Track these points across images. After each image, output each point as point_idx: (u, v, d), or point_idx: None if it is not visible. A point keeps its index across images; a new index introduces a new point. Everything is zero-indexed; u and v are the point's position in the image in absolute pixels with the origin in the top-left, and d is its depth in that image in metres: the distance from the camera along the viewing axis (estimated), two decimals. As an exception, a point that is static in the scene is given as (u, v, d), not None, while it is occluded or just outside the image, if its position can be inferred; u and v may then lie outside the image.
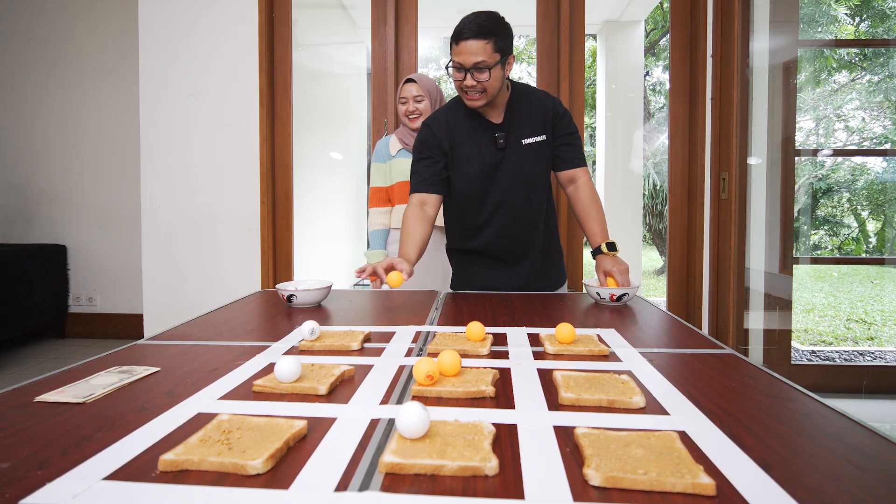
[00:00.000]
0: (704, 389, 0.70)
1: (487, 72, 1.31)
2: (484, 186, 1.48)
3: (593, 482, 0.46)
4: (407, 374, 0.77)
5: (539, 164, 1.48)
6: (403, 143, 1.97)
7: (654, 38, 8.03)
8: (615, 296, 1.28)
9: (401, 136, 1.99)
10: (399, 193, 1.97)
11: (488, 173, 1.47)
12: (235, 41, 2.41)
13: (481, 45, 1.28)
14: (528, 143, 1.45)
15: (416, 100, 1.91)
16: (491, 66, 1.30)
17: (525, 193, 1.49)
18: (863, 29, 5.54)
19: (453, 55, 1.34)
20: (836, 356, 3.24)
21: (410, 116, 1.92)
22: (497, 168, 1.46)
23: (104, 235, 3.49)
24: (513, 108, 1.46)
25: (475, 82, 1.33)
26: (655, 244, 8.05)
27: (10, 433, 0.57)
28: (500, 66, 1.33)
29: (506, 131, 1.45)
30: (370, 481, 0.47)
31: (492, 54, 1.30)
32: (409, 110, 1.91)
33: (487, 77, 1.31)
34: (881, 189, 6.05)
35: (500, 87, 1.38)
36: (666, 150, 2.50)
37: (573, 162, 1.49)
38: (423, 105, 1.92)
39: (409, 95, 1.91)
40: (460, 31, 1.31)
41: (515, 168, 1.46)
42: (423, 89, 1.92)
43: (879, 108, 5.28)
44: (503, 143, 1.44)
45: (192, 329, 1.06)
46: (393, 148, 1.98)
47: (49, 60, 3.46)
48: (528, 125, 1.46)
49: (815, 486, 0.46)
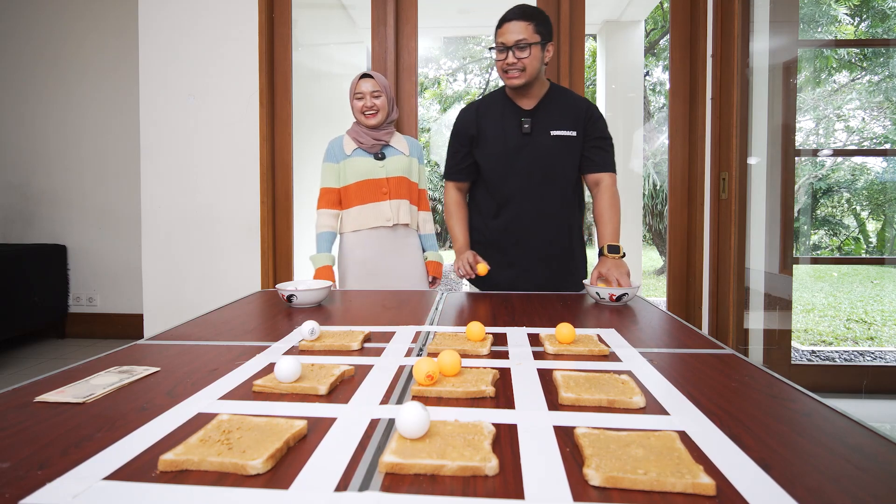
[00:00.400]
0: (704, 389, 0.70)
1: (528, 49, 1.40)
2: (504, 169, 1.53)
3: (593, 482, 0.46)
4: (407, 374, 0.77)
5: (564, 157, 1.51)
6: (358, 143, 1.90)
7: (654, 38, 8.03)
8: (614, 296, 1.28)
9: (354, 134, 1.91)
10: (354, 195, 1.89)
11: (511, 156, 1.51)
12: (235, 41, 2.41)
13: (523, 25, 1.40)
14: (556, 134, 1.49)
15: (374, 95, 1.85)
16: (531, 44, 1.40)
17: (545, 183, 1.52)
18: (863, 29, 5.54)
19: (497, 38, 1.45)
20: (836, 356, 3.23)
21: (367, 113, 1.85)
22: (520, 152, 1.51)
23: (104, 235, 3.49)
24: (546, 101, 1.52)
25: (516, 59, 1.41)
26: (655, 244, 8.04)
27: (10, 433, 0.57)
28: (539, 48, 1.43)
29: (533, 118, 1.50)
30: (370, 481, 0.47)
31: (532, 34, 1.41)
32: (367, 106, 1.85)
33: (528, 55, 1.41)
34: (881, 189, 6.05)
35: (538, 69, 1.45)
36: (666, 150, 2.50)
37: (602, 166, 1.51)
38: (380, 101, 1.86)
39: (366, 91, 1.85)
40: (505, 15, 1.44)
41: (539, 156, 1.50)
42: (380, 85, 1.87)
43: (879, 108, 5.28)
44: (528, 129, 1.49)
45: (192, 329, 1.06)
46: (347, 147, 1.91)
47: (49, 60, 3.46)
48: (559, 118, 1.50)
49: (815, 486, 0.46)
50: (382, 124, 1.90)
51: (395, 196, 1.89)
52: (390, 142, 1.92)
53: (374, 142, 1.88)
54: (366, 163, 1.89)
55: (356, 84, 1.87)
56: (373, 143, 1.88)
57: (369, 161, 1.89)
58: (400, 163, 1.91)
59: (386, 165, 1.89)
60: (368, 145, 1.88)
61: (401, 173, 1.90)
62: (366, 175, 1.88)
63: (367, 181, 1.87)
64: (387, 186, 1.88)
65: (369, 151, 1.89)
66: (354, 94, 1.87)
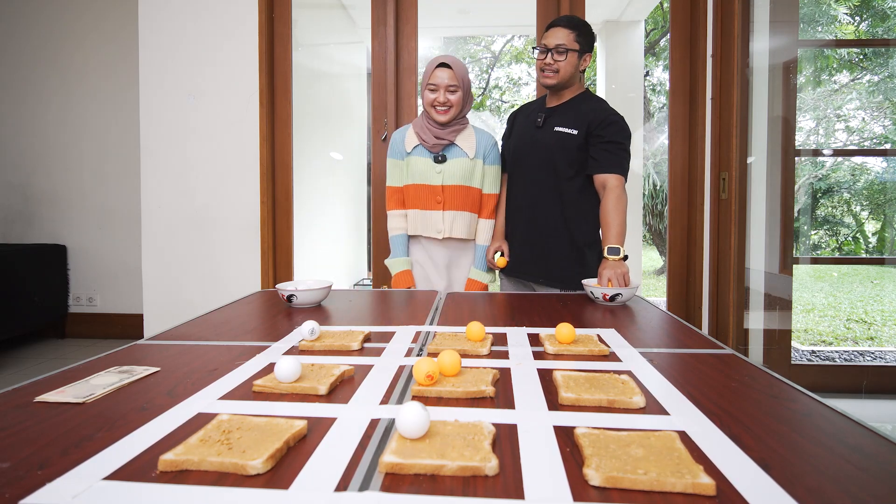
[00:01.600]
0: (704, 389, 0.70)
1: (566, 54, 1.54)
2: (516, 157, 1.70)
3: (593, 482, 0.46)
4: (407, 374, 0.77)
5: (560, 153, 1.59)
6: (421, 139, 1.68)
7: (654, 38, 8.03)
8: (608, 295, 1.29)
9: (419, 129, 1.69)
10: (412, 197, 1.71)
11: (524, 146, 1.67)
12: (235, 41, 2.41)
13: (566, 32, 1.54)
14: (558, 130, 1.60)
15: (450, 90, 1.61)
16: (569, 50, 1.54)
17: (541, 174, 1.63)
18: (863, 29, 5.54)
19: (541, 39, 1.60)
20: (836, 356, 3.23)
21: (438, 108, 1.62)
22: (529, 143, 1.66)
23: (104, 235, 3.49)
24: (570, 103, 1.63)
25: (552, 61, 1.55)
26: (655, 244, 8.04)
27: (10, 433, 0.57)
28: (576, 55, 1.56)
29: (548, 115, 1.64)
30: (370, 481, 0.47)
31: (572, 42, 1.54)
32: (439, 101, 1.61)
33: (564, 59, 1.54)
34: (881, 189, 6.05)
35: (572, 73, 1.58)
36: (666, 150, 2.50)
37: (605, 167, 1.55)
38: (455, 97, 1.62)
39: (441, 83, 1.60)
40: (553, 21, 1.59)
41: (541, 148, 1.63)
42: (458, 78, 1.61)
43: (879, 108, 5.28)
44: (540, 123, 1.64)
45: (192, 329, 1.05)
46: (409, 143, 1.70)
47: (49, 60, 3.46)
48: (569, 117, 1.60)
49: (815, 486, 0.46)
50: (453, 122, 1.68)
51: (451, 206, 1.68)
52: (456, 140, 1.69)
53: (436, 141, 1.67)
54: (424, 164, 1.69)
55: (431, 72, 1.63)
56: (434, 142, 1.67)
57: (428, 162, 1.69)
58: (460, 168, 1.68)
59: (443, 171, 1.68)
60: (430, 144, 1.67)
61: (459, 181, 1.68)
62: (422, 178, 1.69)
63: (423, 186, 1.69)
64: (441, 196, 1.68)
65: (430, 151, 1.69)
66: (427, 83, 1.63)
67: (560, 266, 1.63)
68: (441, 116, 1.64)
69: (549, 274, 1.65)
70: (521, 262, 1.71)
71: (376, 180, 2.47)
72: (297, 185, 2.60)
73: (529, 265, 1.69)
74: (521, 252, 1.70)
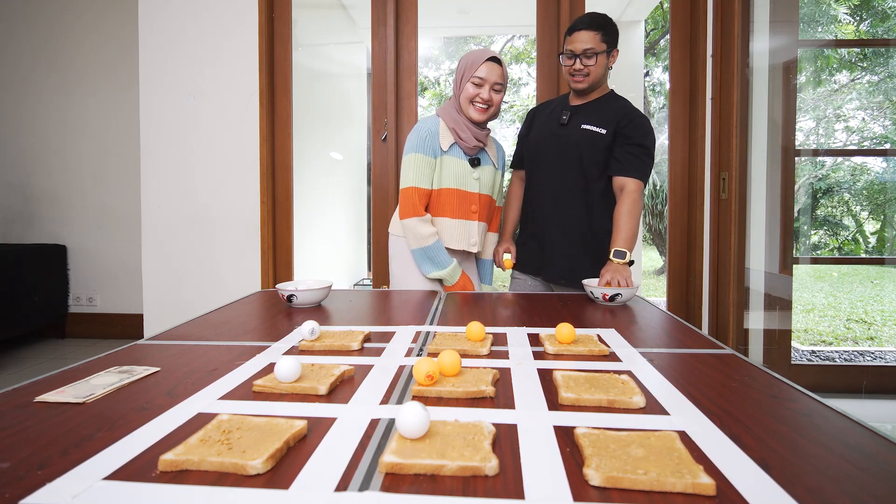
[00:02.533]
0: (704, 389, 0.70)
1: (595, 57, 1.51)
2: (538, 154, 1.65)
3: (593, 482, 0.46)
4: (407, 374, 0.77)
5: (588, 150, 1.56)
6: (458, 137, 1.52)
7: (654, 38, 8.03)
8: (607, 295, 1.29)
9: (456, 125, 1.53)
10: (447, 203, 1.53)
11: (546, 142, 1.63)
12: (235, 41, 2.41)
13: (591, 34, 1.50)
14: (586, 128, 1.56)
15: (495, 88, 1.50)
16: (598, 53, 1.51)
17: (567, 170, 1.59)
18: (863, 29, 5.54)
19: (566, 45, 1.55)
20: (836, 356, 3.23)
21: (478, 105, 1.50)
22: (553, 140, 1.62)
23: (104, 235, 3.49)
24: (595, 102, 1.61)
25: (582, 66, 1.52)
26: (655, 244, 8.05)
27: (10, 433, 0.57)
28: (605, 55, 1.54)
29: (573, 112, 1.61)
30: (370, 481, 0.47)
31: (599, 43, 1.51)
32: (484, 98, 1.49)
33: (594, 63, 1.52)
34: (881, 189, 6.05)
35: (602, 74, 1.57)
36: (666, 150, 2.50)
37: (626, 169, 1.52)
38: (498, 97, 1.52)
39: (489, 79, 1.48)
40: (574, 24, 1.53)
41: (566, 144, 1.58)
42: (505, 77, 1.52)
43: (879, 108, 5.28)
44: (565, 120, 1.60)
45: (192, 329, 1.05)
46: (445, 140, 1.52)
47: (49, 60, 3.46)
48: (596, 116, 1.57)
49: (815, 486, 0.46)
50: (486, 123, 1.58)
51: (483, 218, 1.59)
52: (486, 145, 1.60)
53: (476, 143, 1.54)
54: (461, 166, 1.54)
55: (477, 65, 1.48)
56: (475, 143, 1.54)
57: (464, 165, 1.54)
58: (490, 177, 1.61)
59: (480, 177, 1.58)
60: (470, 145, 1.53)
61: (489, 191, 1.61)
62: (458, 183, 1.53)
63: (460, 192, 1.54)
64: (477, 205, 1.57)
65: (467, 153, 1.56)
66: (472, 77, 1.49)
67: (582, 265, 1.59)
68: (479, 115, 1.51)
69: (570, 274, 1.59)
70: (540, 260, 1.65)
71: (376, 180, 2.47)
72: (297, 185, 2.60)
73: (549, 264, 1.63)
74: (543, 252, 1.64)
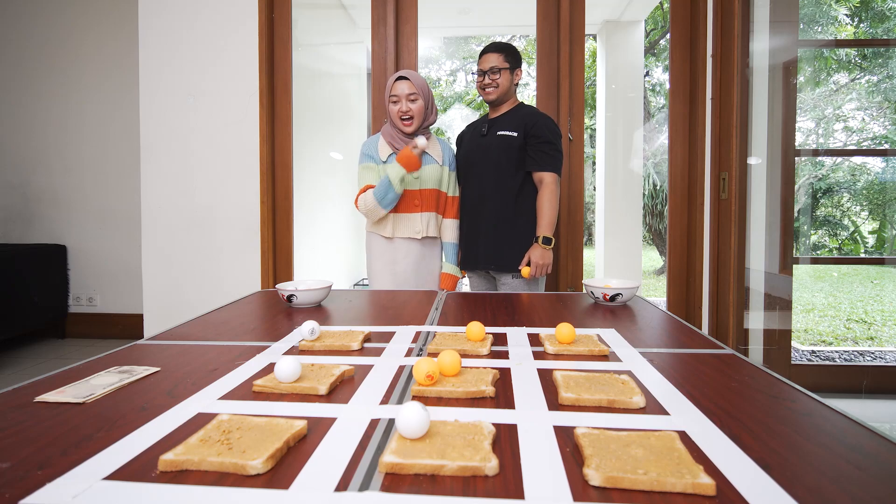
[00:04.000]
0: (704, 389, 0.70)
1: (499, 73, 1.82)
2: (468, 163, 1.92)
3: (593, 482, 0.46)
4: (407, 374, 0.77)
5: (502, 153, 1.84)
6: (394, 148, 1.81)
7: (654, 38, 8.04)
8: (608, 295, 1.29)
9: (389, 139, 1.82)
10: None
11: (472, 151, 1.91)
12: (235, 41, 2.41)
13: (496, 56, 1.82)
14: (501, 133, 1.85)
15: (410, 99, 1.75)
16: (501, 69, 1.82)
17: (487, 171, 1.86)
18: (863, 29, 5.55)
19: (478, 65, 1.88)
20: (836, 356, 3.24)
21: (404, 119, 1.77)
22: (476, 148, 1.90)
23: (104, 235, 3.49)
24: (508, 112, 1.89)
25: (490, 80, 1.83)
26: (655, 244, 8.05)
27: (10, 433, 0.57)
28: (508, 71, 1.84)
29: (490, 124, 1.89)
30: (370, 481, 0.47)
31: (503, 62, 1.83)
32: (402, 111, 1.75)
33: (499, 77, 1.82)
34: (880, 189, 6.05)
35: (508, 87, 1.85)
36: (666, 150, 2.50)
37: (540, 164, 1.81)
38: (416, 105, 1.76)
39: (401, 94, 1.75)
40: (483, 49, 1.86)
41: (487, 150, 1.87)
42: (417, 87, 1.76)
43: (879, 108, 5.28)
44: (485, 131, 1.90)
45: (192, 329, 1.05)
46: (383, 152, 1.82)
47: (49, 60, 3.46)
48: (509, 123, 1.86)
49: (815, 486, 0.46)
50: (419, 130, 1.82)
51: (427, 209, 1.86)
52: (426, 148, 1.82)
53: None
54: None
55: (391, 86, 1.78)
56: None
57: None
58: (433, 174, 1.85)
59: (420, 176, 1.83)
60: None
61: (433, 185, 1.86)
62: None
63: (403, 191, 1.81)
64: (419, 199, 1.84)
65: None
66: (389, 97, 1.78)
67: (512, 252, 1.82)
68: (407, 128, 1.79)
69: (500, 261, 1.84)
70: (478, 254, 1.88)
71: (376, 180, 2.47)
72: (297, 185, 2.60)
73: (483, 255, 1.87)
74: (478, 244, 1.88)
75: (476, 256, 1.88)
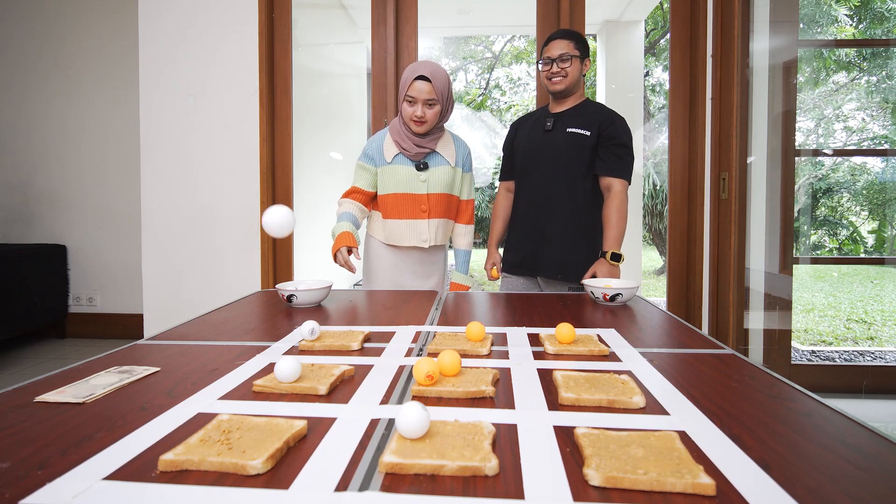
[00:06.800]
0: (704, 389, 0.70)
1: (569, 60, 1.67)
2: (527, 161, 1.77)
3: (593, 482, 0.46)
4: (407, 374, 0.77)
5: (573, 151, 1.68)
6: (401, 148, 1.67)
7: (654, 38, 8.04)
8: (608, 295, 1.29)
9: (398, 137, 1.67)
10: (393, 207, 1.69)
11: (534, 148, 1.76)
12: (235, 41, 2.41)
13: (565, 42, 1.68)
14: (571, 131, 1.69)
15: (428, 104, 1.59)
16: (572, 57, 1.67)
17: (555, 171, 1.70)
18: (862, 29, 5.55)
19: (544, 53, 1.72)
20: (836, 356, 3.24)
21: (414, 120, 1.61)
22: (540, 145, 1.74)
23: (104, 235, 3.49)
24: (575, 108, 1.74)
25: (559, 69, 1.67)
26: (655, 244, 8.05)
27: (10, 433, 0.57)
28: (578, 60, 1.69)
29: (556, 119, 1.73)
30: (370, 481, 0.47)
31: (573, 50, 1.68)
32: (417, 115, 1.59)
33: (569, 65, 1.67)
34: (880, 189, 6.05)
35: (577, 78, 1.71)
36: (666, 150, 2.50)
37: (611, 170, 1.66)
38: (432, 111, 1.60)
39: (419, 97, 1.57)
40: (551, 35, 1.73)
41: (554, 148, 1.71)
42: (438, 91, 1.58)
43: (879, 108, 5.28)
44: (550, 127, 1.73)
45: (192, 329, 1.05)
46: (388, 152, 1.68)
47: (49, 60, 3.46)
48: (579, 119, 1.70)
49: (815, 486, 0.46)
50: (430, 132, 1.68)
51: (435, 215, 1.70)
52: (436, 147, 1.69)
53: (418, 150, 1.66)
54: (407, 172, 1.67)
55: (409, 84, 1.58)
56: (416, 150, 1.66)
57: (410, 170, 1.67)
58: (443, 176, 1.70)
59: (428, 179, 1.68)
60: (412, 153, 1.67)
61: (443, 189, 1.71)
62: (406, 187, 1.67)
63: (407, 195, 1.68)
64: (427, 204, 1.68)
65: (412, 160, 1.68)
66: (405, 95, 1.60)
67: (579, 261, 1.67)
68: (417, 128, 1.63)
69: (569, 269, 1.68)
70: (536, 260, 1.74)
71: (376, 180, 2.47)
72: (297, 185, 2.60)
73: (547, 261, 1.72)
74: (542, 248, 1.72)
75: (537, 260, 1.72)
